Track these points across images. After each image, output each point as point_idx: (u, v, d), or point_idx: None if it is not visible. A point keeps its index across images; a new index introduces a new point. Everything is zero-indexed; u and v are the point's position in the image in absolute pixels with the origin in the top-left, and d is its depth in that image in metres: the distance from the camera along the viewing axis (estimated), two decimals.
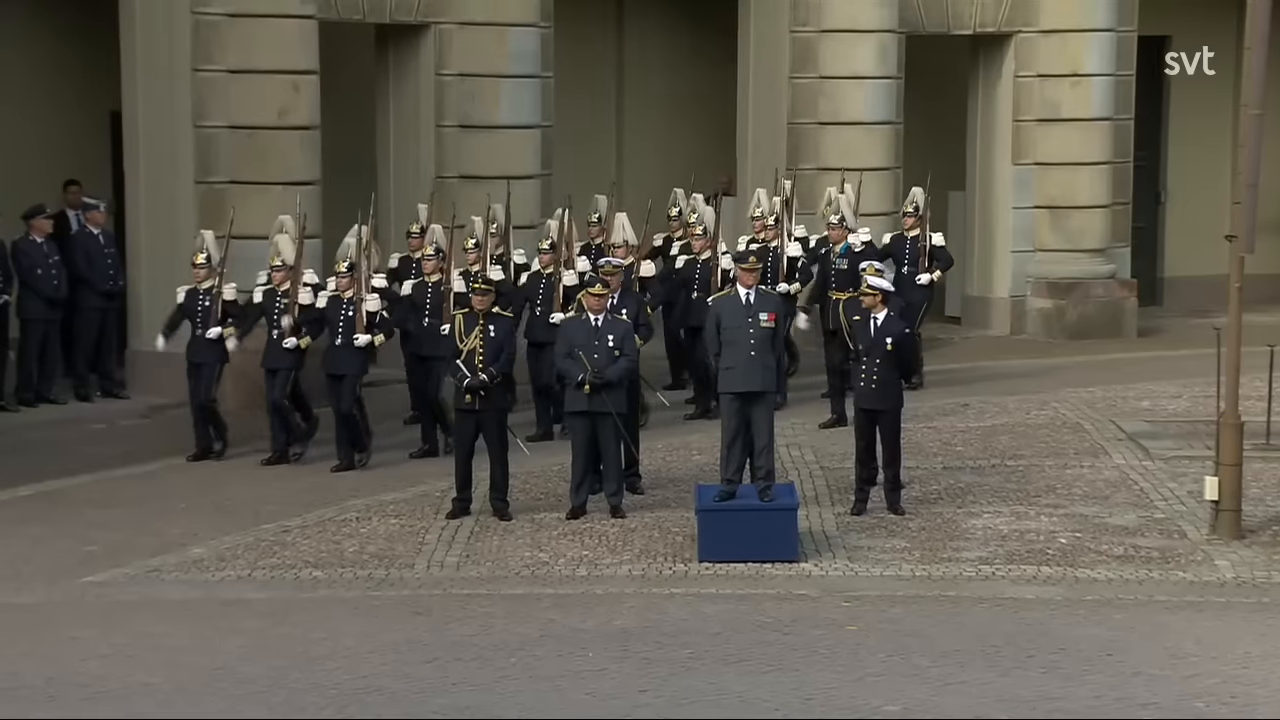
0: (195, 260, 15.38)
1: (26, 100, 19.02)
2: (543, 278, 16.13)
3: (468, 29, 19.09)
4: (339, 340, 14.98)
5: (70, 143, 19.10)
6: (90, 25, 18.47)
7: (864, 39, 21.19)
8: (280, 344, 15.06)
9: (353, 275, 15.00)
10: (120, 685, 9.94)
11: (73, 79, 19.09)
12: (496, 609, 11.51)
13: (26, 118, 18.97)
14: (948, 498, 14.32)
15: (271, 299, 15.21)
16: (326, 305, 15.10)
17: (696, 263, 17.01)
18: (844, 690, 9.92)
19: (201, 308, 15.34)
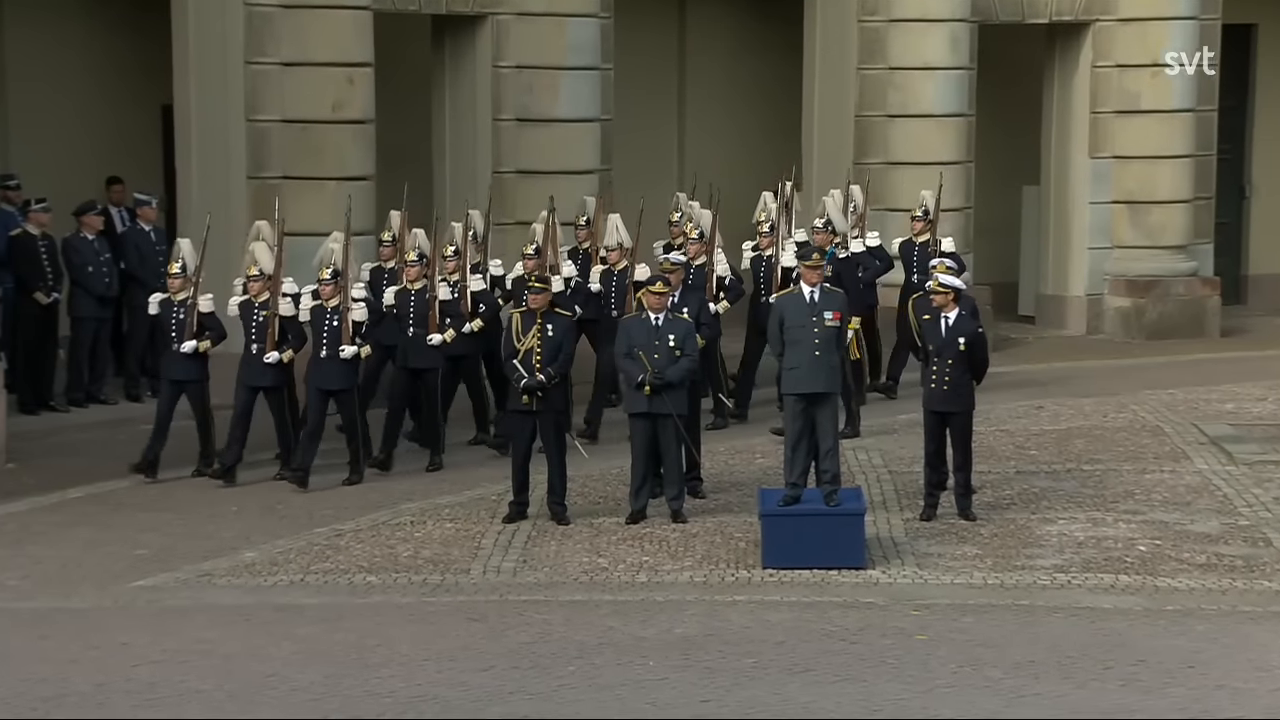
0: (170, 269, 14.92)
1: (79, 95, 19.22)
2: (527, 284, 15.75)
3: (526, 20, 19.13)
4: (324, 352, 14.51)
5: (122, 138, 19.28)
6: (142, 18, 18.64)
7: (935, 28, 21.08)
8: (260, 359, 14.59)
9: (337, 282, 14.54)
10: (171, 692, 10.03)
11: (125, 73, 19.28)
12: (554, 616, 11.54)
13: (78, 113, 19.17)
14: (1021, 503, 14.26)
15: (249, 310, 14.72)
16: (310, 315, 14.62)
17: (690, 268, 16.19)
18: (913, 702, 9.90)
19: (176, 320, 14.74)
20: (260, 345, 14.58)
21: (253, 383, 14.68)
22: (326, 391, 14.57)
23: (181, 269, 14.80)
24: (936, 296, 13.60)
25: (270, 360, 14.53)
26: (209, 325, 14.72)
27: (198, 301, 14.70)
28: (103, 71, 19.36)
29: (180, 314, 14.69)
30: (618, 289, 16.31)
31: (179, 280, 14.76)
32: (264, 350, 14.54)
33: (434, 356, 15.18)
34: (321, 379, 14.57)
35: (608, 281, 16.45)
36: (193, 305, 14.68)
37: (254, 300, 14.68)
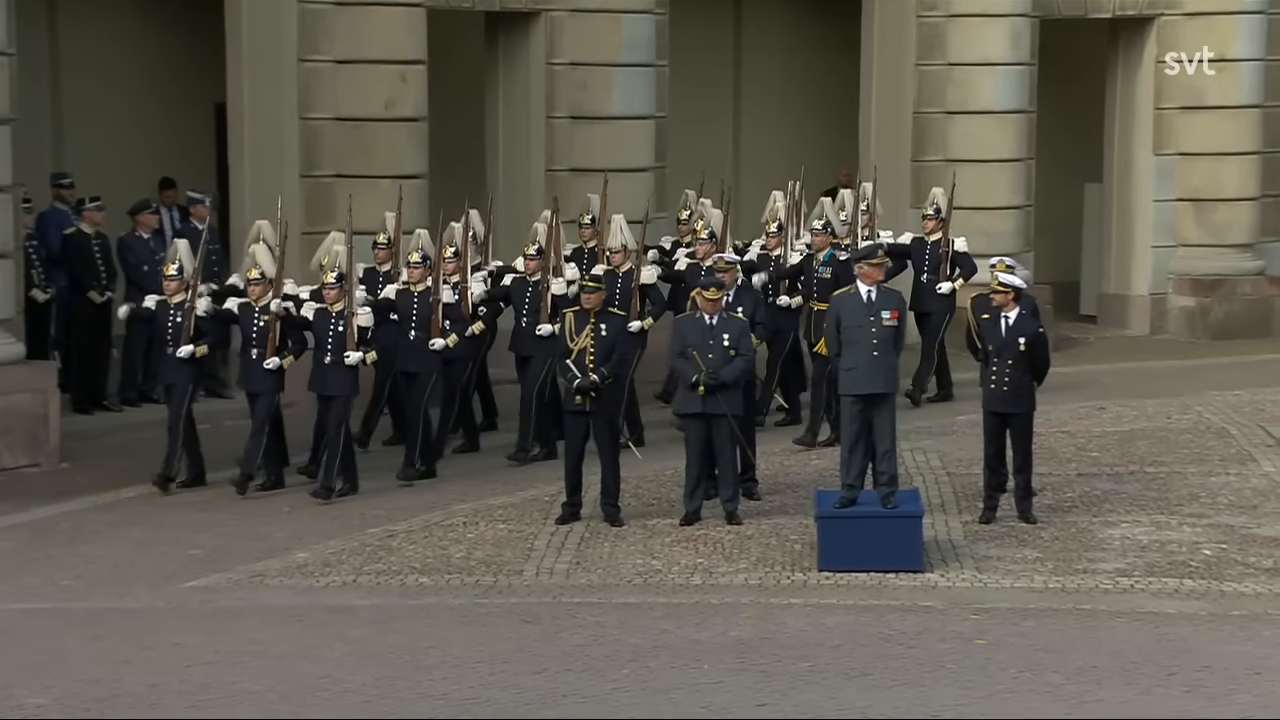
0: (166, 271, 14.50)
1: (132, 93, 19.39)
2: (529, 286, 15.46)
3: (580, 16, 19.17)
4: (328, 358, 14.15)
5: (175, 136, 19.44)
6: (195, 16, 18.78)
7: (995, 23, 21.04)
8: (261, 364, 14.19)
9: (342, 286, 14.15)
10: (224, 693, 10.09)
11: (178, 71, 19.42)
12: (608, 618, 11.56)
13: (132, 112, 19.34)
14: (1082, 506, 14.20)
15: (249, 314, 14.35)
16: (314, 319, 14.28)
17: (700, 269, 15.85)
18: (973, 707, 9.87)
19: (172, 324, 14.36)
20: (260, 350, 14.21)
21: (251, 389, 14.36)
22: (325, 397, 14.26)
23: (178, 271, 14.42)
24: (996, 296, 13.55)
25: (270, 366, 14.16)
26: (205, 329, 14.41)
27: (195, 305, 14.32)
28: (156, 70, 19.51)
29: (177, 317, 14.33)
30: (622, 290, 15.86)
31: (175, 282, 14.37)
32: (264, 355, 14.17)
33: (433, 361, 14.84)
34: (322, 385, 14.24)
35: (611, 282, 15.78)
36: (190, 309, 14.30)
37: (254, 304, 14.31)
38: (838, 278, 15.56)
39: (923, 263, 17.70)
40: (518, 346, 15.63)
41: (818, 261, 16.31)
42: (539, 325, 15.17)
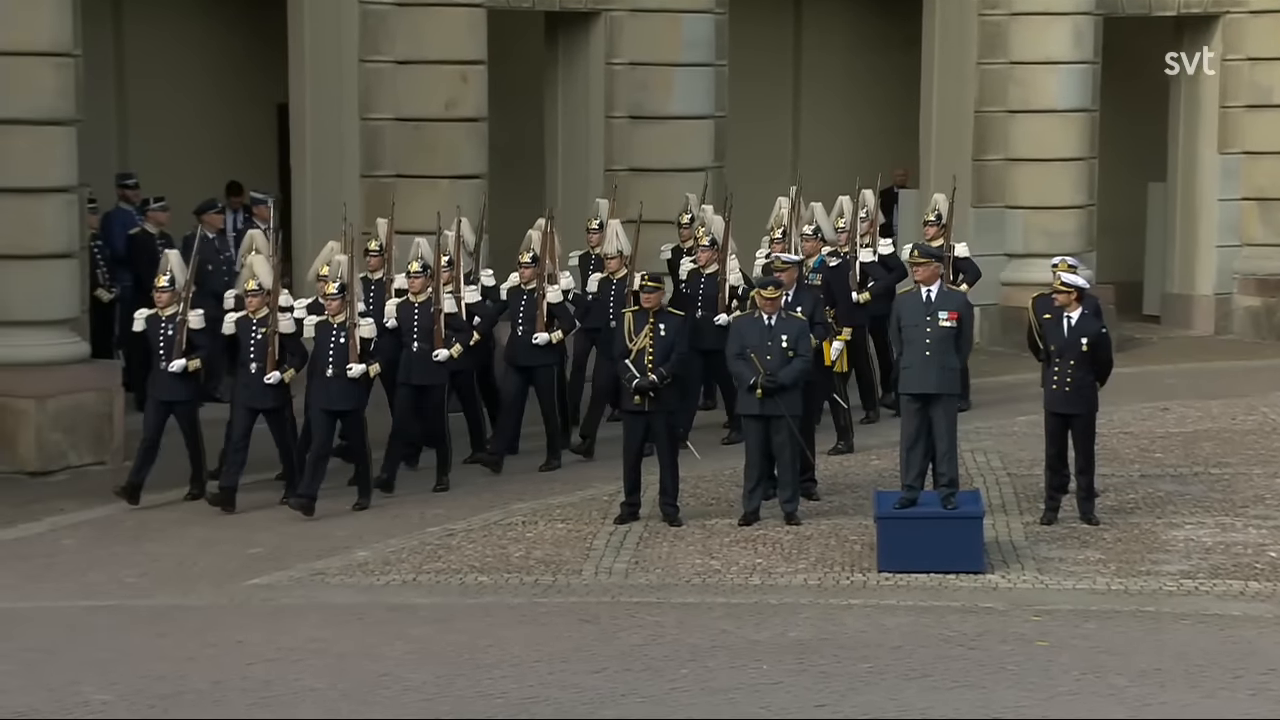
0: (158, 283, 14.00)
1: (196, 94, 19.56)
2: (524, 294, 15.07)
3: (640, 16, 19.20)
4: (331, 371, 13.71)
5: (239, 136, 19.60)
6: (258, 17, 18.92)
7: (1058, 21, 20.95)
8: (260, 379, 13.76)
9: (344, 297, 13.70)
10: (286, 690, 10.16)
11: (241, 72, 19.58)
12: (667, 618, 11.57)
13: (195, 112, 19.50)
14: (1145, 507, 14.13)
15: (246, 327, 13.87)
16: (315, 332, 13.82)
17: (701, 277, 15.85)
18: (1034, 709, 9.85)
19: (164, 337, 13.88)
20: (260, 364, 13.77)
21: (252, 404, 13.88)
22: (333, 413, 13.78)
23: (170, 283, 13.98)
24: (1059, 296, 13.50)
25: (271, 381, 13.74)
26: (198, 343, 13.96)
27: (187, 317, 13.90)
28: (219, 70, 19.66)
29: (169, 330, 13.89)
30: (616, 297, 15.59)
31: (167, 294, 13.93)
32: (264, 370, 13.74)
33: (439, 372, 14.48)
34: (327, 399, 13.75)
35: (606, 289, 15.75)
36: (182, 321, 13.87)
37: (252, 316, 13.85)
38: (828, 284, 15.22)
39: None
40: (513, 355, 15.15)
41: (807, 268, 15.58)
42: (535, 334, 14.92)
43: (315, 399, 13.81)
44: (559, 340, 15.19)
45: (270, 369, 13.70)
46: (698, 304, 15.74)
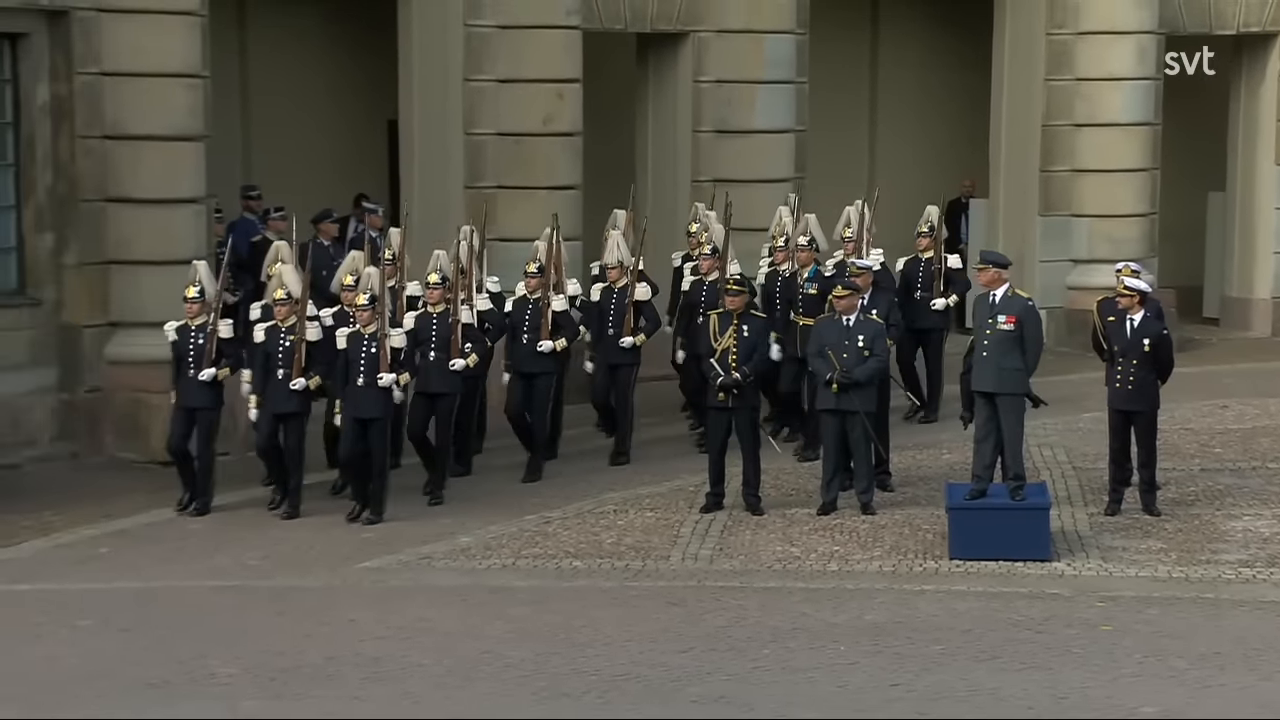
0: (187, 294, 13.51)
1: (314, 110, 19.69)
2: (529, 303, 14.60)
3: (725, 36, 19.19)
4: (361, 380, 13.17)
5: (353, 150, 19.71)
6: (372, 41, 19.02)
7: (1122, 40, 20.75)
8: (287, 386, 13.31)
9: (374, 308, 13.20)
10: (395, 666, 10.21)
11: (356, 92, 19.70)
12: (749, 601, 11.54)
13: (314, 129, 19.63)
14: (1205, 500, 13.96)
15: (275, 336, 13.41)
16: (346, 342, 13.27)
17: (704, 284, 15.28)
18: (1099, 690, 9.75)
19: (194, 346, 13.41)
20: (287, 371, 13.32)
21: (277, 409, 13.39)
22: (363, 421, 13.25)
23: (199, 294, 13.51)
24: (1122, 299, 13.38)
25: (297, 387, 13.28)
26: (227, 352, 13.51)
27: (217, 327, 13.48)
28: (335, 89, 19.79)
29: (200, 340, 13.44)
30: (617, 307, 15.08)
31: (196, 305, 13.45)
32: (290, 376, 13.30)
33: (454, 381, 13.98)
34: (356, 407, 13.24)
35: (607, 299, 15.16)
36: (213, 331, 13.44)
37: (280, 325, 13.44)
38: (823, 294, 14.62)
39: (916, 280, 16.42)
40: (517, 363, 14.65)
41: (802, 278, 15.26)
42: (540, 342, 14.45)
43: (346, 407, 13.32)
44: (562, 348, 14.64)
45: (296, 375, 13.30)
46: (700, 310, 15.07)
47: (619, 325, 15.07)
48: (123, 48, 15.13)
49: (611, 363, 15.21)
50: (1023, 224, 21.01)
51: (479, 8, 17.84)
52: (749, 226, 17.12)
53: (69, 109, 15.21)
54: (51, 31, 15.09)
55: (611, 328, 15.12)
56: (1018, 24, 21.00)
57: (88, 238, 15.35)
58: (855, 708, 9.43)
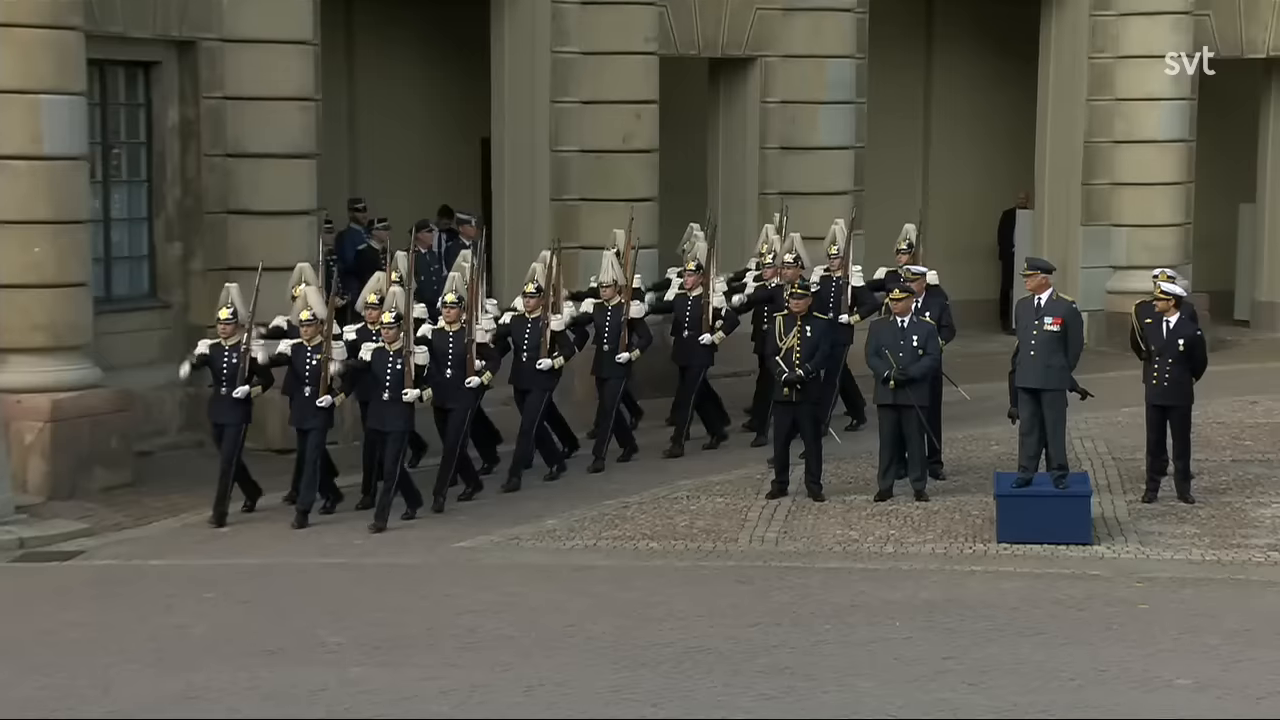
0: (220, 315, 12.96)
1: (415, 132, 19.81)
2: (528, 323, 14.03)
3: (790, 61, 19.18)
4: (387, 395, 12.73)
5: (448, 166, 19.82)
6: (468, 64, 19.10)
7: (1159, 63, 20.50)
8: (313, 401, 12.81)
9: (399, 326, 12.74)
10: (488, 637, 10.25)
11: (451, 113, 19.81)
12: (812, 580, 11.52)
13: (415, 147, 19.76)
14: (1236, 488, 13.81)
15: (301, 354, 12.90)
16: (372, 358, 12.82)
17: (688, 300, 14.94)
18: (1137, 664, 9.67)
19: (228, 365, 12.87)
20: (313, 389, 12.80)
21: (303, 425, 12.94)
22: (382, 433, 12.86)
23: (232, 315, 12.95)
24: (1159, 302, 13.29)
25: (323, 404, 12.79)
26: (258, 371, 12.98)
27: (250, 347, 12.93)
28: (432, 111, 19.90)
29: (233, 358, 12.87)
30: (611, 324, 14.54)
31: (230, 326, 12.90)
32: (316, 393, 12.80)
33: (467, 396, 13.40)
34: (380, 421, 12.85)
35: (601, 316, 14.63)
36: (245, 350, 12.89)
37: (306, 344, 12.88)
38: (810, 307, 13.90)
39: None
40: (518, 380, 14.14)
41: (788, 293, 14.16)
42: (539, 360, 13.89)
43: (370, 420, 12.99)
44: (559, 366, 14.14)
45: (323, 393, 12.81)
46: (684, 325, 14.94)
47: (614, 341, 14.50)
48: (244, 74, 15.28)
49: (603, 376, 14.66)
50: (1066, 233, 20.85)
51: (564, 35, 17.91)
52: (811, 235, 17.07)
53: (195, 130, 15.38)
54: (181, 60, 15.26)
55: (607, 343, 14.55)
56: (1062, 49, 20.87)
57: (211, 247, 15.52)
58: (909, 678, 9.40)
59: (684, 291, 15.27)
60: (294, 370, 12.98)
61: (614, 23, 17.86)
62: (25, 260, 13.53)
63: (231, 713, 8.87)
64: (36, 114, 13.37)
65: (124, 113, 15.26)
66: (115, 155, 15.25)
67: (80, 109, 13.79)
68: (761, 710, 8.86)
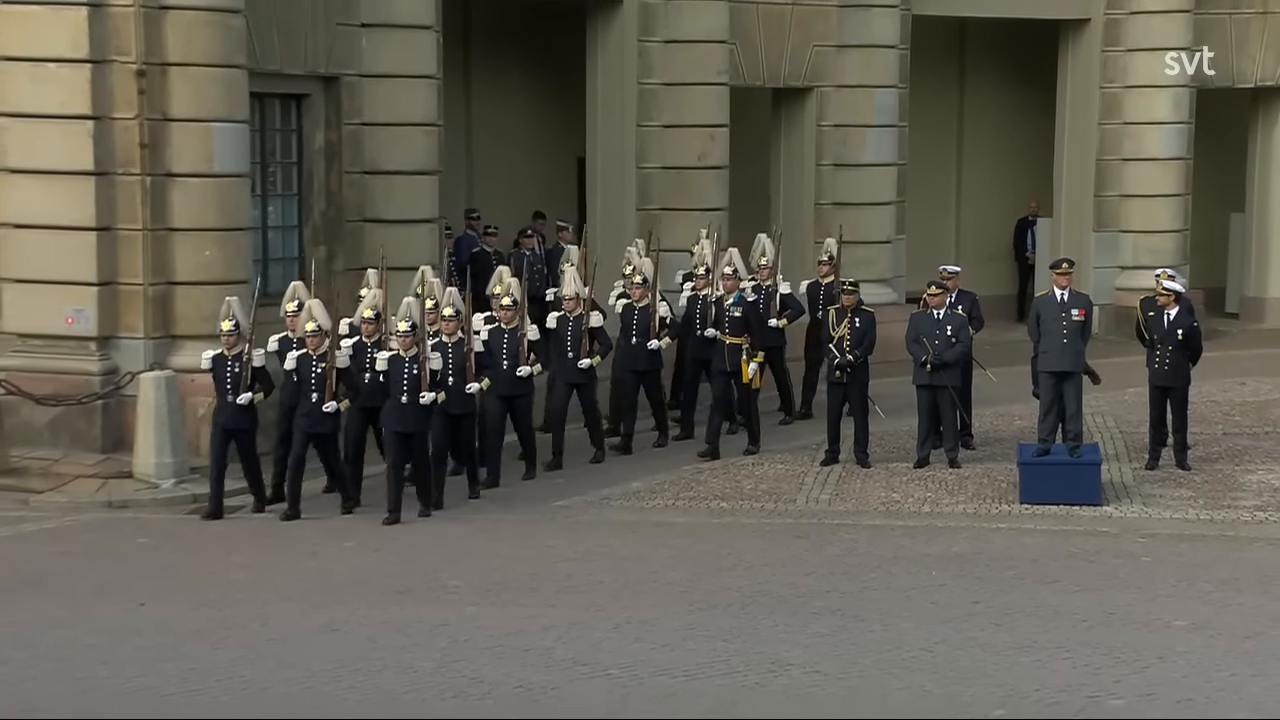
0: (223, 327, 12.00)
1: (521, 151, 19.86)
2: (505, 333, 13.06)
3: (843, 90, 19.02)
4: (405, 399, 11.78)
5: (550, 181, 19.85)
6: (567, 94, 19.12)
7: (1161, 92, 20.26)
8: (320, 408, 11.84)
9: (414, 334, 11.85)
10: (582, 582, 10.26)
11: (552, 135, 19.83)
12: (860, 536, 11.45)
13: (521, 164, 19.81)
14: (1227, 458, 13.58)
15: (307, 363, 11.92)
16: (389, 365, 11.86)
17: (634, 310, 14.10)
18: (1140, 607, 9.53)
19: (232, 374, 11.92)
20: (320, 395, 11.85)
21: (312, 430, 11.90)
22: (404, 434, 11.92)
23: (234, 326, 11.97)
24: (1160, 298, 13.13)
25: (329, 410, 11.85)
26: (260, 379, 12.04)
27: (251, 356, 11.99)
28: (536, 134, 19.94)
29: (236, 368, 11.93)
30: (573, 335, 13.54)
31: (232, 337, 11.92)
32: (323, 400, 11.85)
33: (470, 402, 12.57)
34: (400, 423, 11.86)
35: (563, 327, 13.69)
36: (247, 360, 11.94)
37: (312, 354, 11.90)
38: (747, 318, 13.63)
39: (818, 300, 14.89)
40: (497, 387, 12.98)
41: (728, 303, 13.77)
42: (519, 368, 12.98)
43: (389, 422, 11.99)
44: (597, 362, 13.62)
45: (329, 399, 11.89)
46: (632, 333, 14.11)
47: (576, 349, 13.51)
48: (379, 104, 15.36)
49: (570, 382, 13.57)
50: (1080, 238, 20.57)
51: (649, 69, 17.88)
52: (858, 240, 16.98)
53: (338, 151, 15.48)
54: (326, 92, 15.36)
55: (570, 351, 13.55)
56: (1077, 79, 20.60)
57: (350, 249, 15.61)
58: (943, 619, 9.31)
59: (631, 302, 14.20)
60: (299, 379, 11.93)
61: (691, 58, 17.81)
62: (197, 261, 13.70)
63: (369, 643, 8.94)
64: (208, 138, 13.52)
65: (279, 137, 15.39)
66: (272, 173, 15.38)
67: (244, 134, 13.93)
68: (817, 646, 8.80)
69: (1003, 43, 21.74)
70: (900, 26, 19.10)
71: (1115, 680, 8.18)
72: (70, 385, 13.35)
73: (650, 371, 14.23)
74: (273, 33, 14.47)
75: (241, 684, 8.30)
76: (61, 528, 11.95)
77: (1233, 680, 8.21)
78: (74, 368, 13.46)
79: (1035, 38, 20.97)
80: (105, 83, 13.19)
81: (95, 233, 13.37)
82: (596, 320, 13.81)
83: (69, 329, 13.50)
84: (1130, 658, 8.51)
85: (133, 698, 8.16)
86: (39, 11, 13.13)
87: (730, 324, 13.89)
